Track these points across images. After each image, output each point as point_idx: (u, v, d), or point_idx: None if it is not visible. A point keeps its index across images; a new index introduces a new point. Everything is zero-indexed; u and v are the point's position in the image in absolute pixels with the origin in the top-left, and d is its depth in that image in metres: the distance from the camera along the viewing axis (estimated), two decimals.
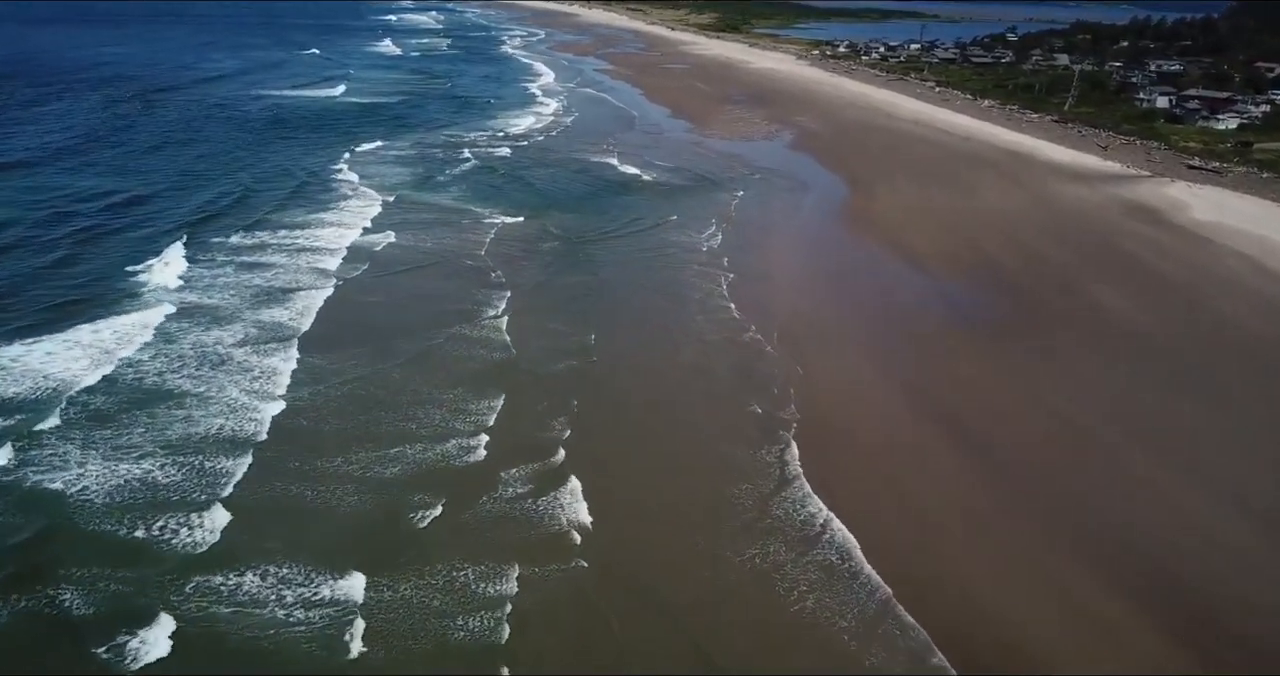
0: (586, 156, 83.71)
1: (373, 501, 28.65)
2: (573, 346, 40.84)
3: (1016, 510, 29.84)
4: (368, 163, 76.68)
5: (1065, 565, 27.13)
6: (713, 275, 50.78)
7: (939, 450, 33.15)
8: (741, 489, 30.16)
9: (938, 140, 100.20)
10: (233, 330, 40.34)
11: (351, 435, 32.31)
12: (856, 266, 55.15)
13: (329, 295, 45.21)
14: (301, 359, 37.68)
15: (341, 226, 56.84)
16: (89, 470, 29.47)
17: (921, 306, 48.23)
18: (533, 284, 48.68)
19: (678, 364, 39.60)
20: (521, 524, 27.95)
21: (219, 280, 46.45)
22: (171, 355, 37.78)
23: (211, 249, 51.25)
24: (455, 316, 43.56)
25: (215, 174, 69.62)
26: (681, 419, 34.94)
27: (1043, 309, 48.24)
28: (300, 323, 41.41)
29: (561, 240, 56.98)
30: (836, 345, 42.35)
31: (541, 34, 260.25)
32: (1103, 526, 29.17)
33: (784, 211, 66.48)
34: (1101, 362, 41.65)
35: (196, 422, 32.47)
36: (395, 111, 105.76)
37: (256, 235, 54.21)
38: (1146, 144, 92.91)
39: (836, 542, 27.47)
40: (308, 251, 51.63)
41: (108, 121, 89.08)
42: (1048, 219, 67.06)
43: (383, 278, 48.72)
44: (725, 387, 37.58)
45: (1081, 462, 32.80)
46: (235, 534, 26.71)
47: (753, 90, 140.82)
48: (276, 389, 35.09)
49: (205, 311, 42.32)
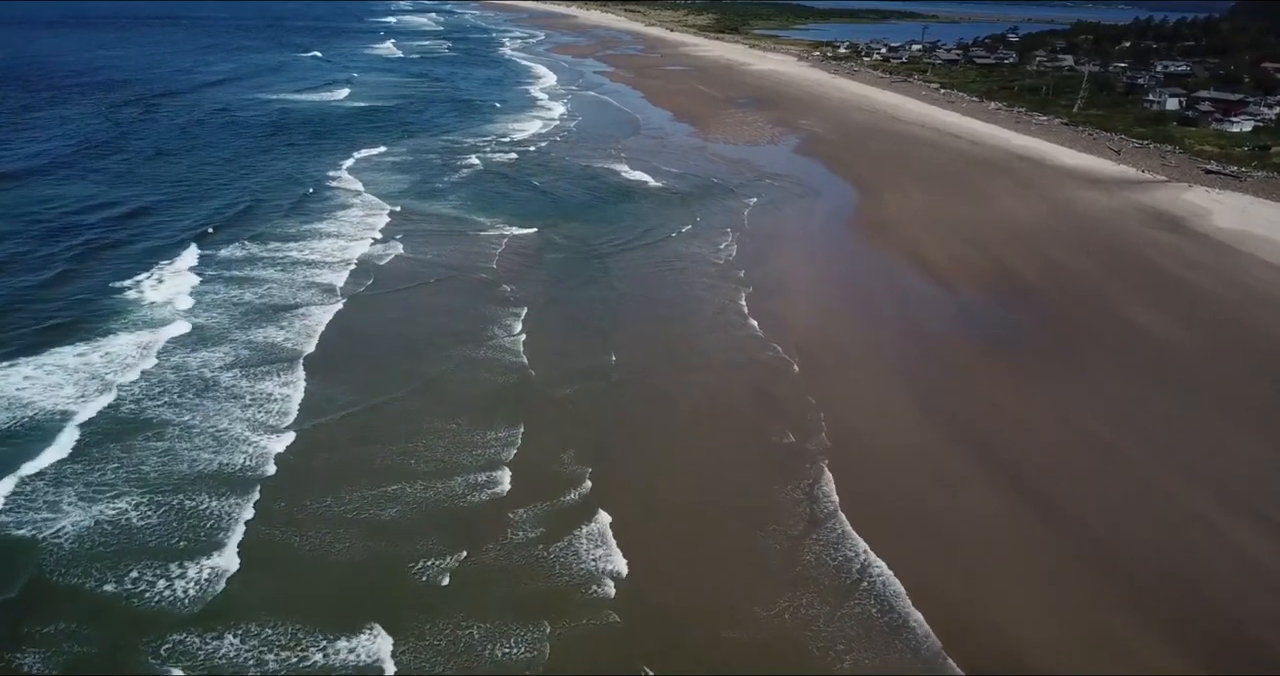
0: (593, 162, 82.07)
1: (386, 549, 26.61)
2: (592, 369, 39.12)
3: (1064, 549, 28.10)
4: (371, 170, 75.01)
5: (1118, 615, 25.37)
6: (730, 290, 49.08)
7: (977, 483, 31.43)
8: (778, 527, 28.40)
9: (945, 144, 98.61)
10: (229, 354, 38.30)
11: (361, 472, 30.41)
12: (874, 278, 53.46)
13: (333, 315, 43.34)
14: (304, 386, 35.76)
15: (346, 239, 55.09)
16: (66, 514, 27.16)
17: (943, 322, 46.58)
18: (547, 300, 46.97)
19: (703, 387, 37.84)
20: (550, 571, 26.03)
21: (215, 298, 44.54)
22: (162, 382, 35.62)
23: (207, 264, 49.36)
24: (469, 336, 41.76)
25: (215, 183, 67.88)
26: (711, 449, 33.15)
27: (1069, 324, 46.59)
28: (303, 345, 39.53)
29: (574, 252, 55.26)
30: (861, 365, 40.67)
31: (540, 36, 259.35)
32: (1159, 573, 27.29)
33: (796, 220, 64.82)
34: (1136, 384, 39.98)
35: (189, 460, 30.34)
36: (398, 116, 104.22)
37: (255, 248, 52.37)
38: (1160, 148, 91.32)
39: (880, 588, 25.76)
40: (309, 266, 49.81)
41: (104, 129, 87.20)
42: (1065, 227, 65.46)
43: (390, 294, 46.98)
44: (753, 414, 35.86)
45: (1128, 497, 31.00)
46: (236, 588, 24.66)
47: (755, 93, 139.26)
48: (278, 421, 33.09)
49: (200, 333, 40.42)
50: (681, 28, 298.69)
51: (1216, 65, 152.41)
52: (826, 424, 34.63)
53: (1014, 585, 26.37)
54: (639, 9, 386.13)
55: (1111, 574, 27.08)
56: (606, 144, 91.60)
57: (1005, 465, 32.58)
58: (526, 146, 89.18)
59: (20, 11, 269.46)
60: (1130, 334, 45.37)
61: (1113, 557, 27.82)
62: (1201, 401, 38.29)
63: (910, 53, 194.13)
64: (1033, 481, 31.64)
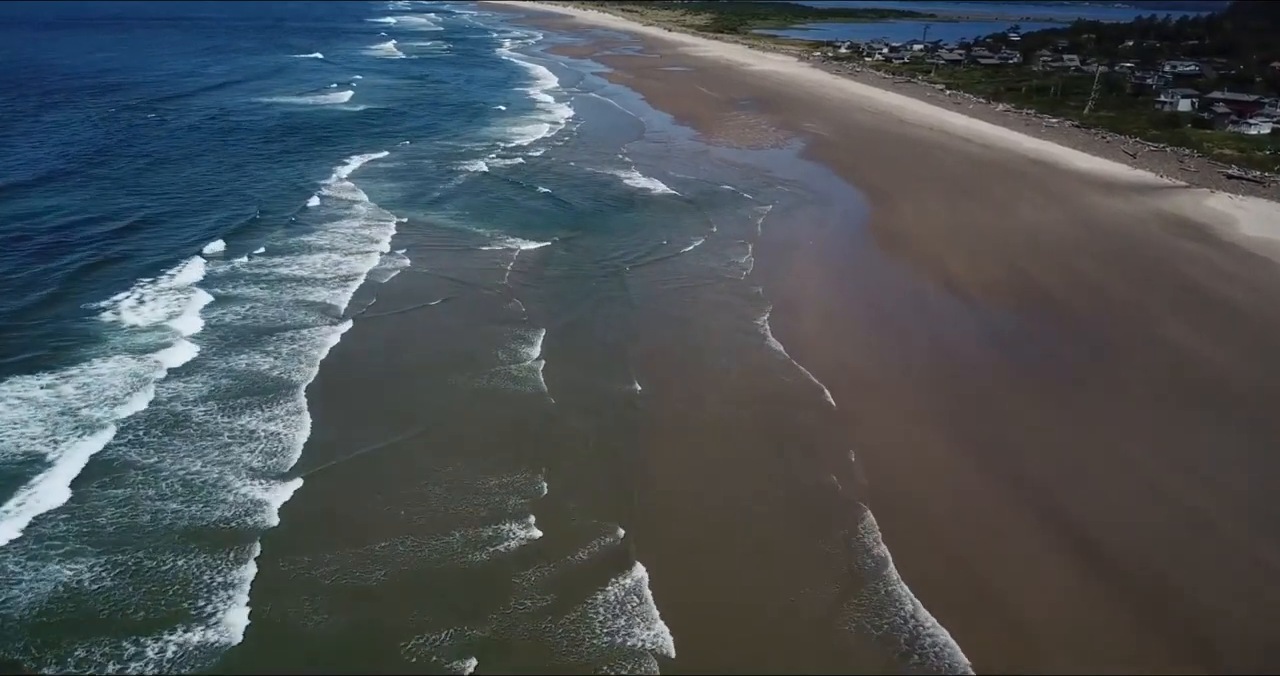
0: (598, 168, 79.93)
1: (396, 623, 23.76)
2: (616, 399, 36.84)
3: (1123, 610, 25.83)
4: (372, 178, 72.91)
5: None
6: (751, 310, 46.77)
7: (1029, 534, 29.12)
8: (827, 583, 26.14)
9: (955, 147, 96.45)
10: (216, 387, 35.59)
11: (371, 527, 27.67)
12: (895, 294, 51.12)
13: (336, 339, 40.87)
14: (303, 425, 33.15)
15: (347, 253, 52.78)
16: (22, 579, 24.19)
17: (973, 343, 44.35)
18: (564, 322, 44.58)
19: (734, 421, 35.57)
20: (589, 644, 23.40)
21: (204, 321, 41.94)
22: (140, 420, 32.78)
23: (196, 283, 46.74)
24: (483, 363, 39.27)
25: (208, 195, 65.48)
26: (749, 491, 30.82)
27: (1106, 346, 44.35)
28: (300, 376, 37.00)
29: (588, 267, 52.91)
30: (891, 393, 38.40)
31: (539, 36, 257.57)
32: (1237, 645, 24.90)
33: (810, 231, 62.54)
34: (1184, 415, 37.65)
35: (166, 515, 27.47)
36: (398, 121, 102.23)
37: (249, 265, 50.04)
38: (1177, 151, 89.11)
39: (940, 652, 23.51)
40: (307, 283, 47.47)
41: (96, 137, 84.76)
42: (1088, 236, 63.24)
43: (396, 316, 44.60)
44: (789, 450, 33.61)
45: (1205, 559, 28.21)
46: (237, 667, 22.23)
47: (757, 94, 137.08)
48: (277, 466, 30.47)
49: (188, 362, 37.79)
50: (679, 28, 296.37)
51: (1224, 65, 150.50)
52: (863, 462, 32.42)
53: (1080, 654, 24.10)
54: (636, 9, 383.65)
55: (1203, 657, 24.11)
56: (610, 148, 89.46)
57: (1057, 512, 30.20)
58: (530, 152, 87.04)
59: (19, 12, 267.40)
60: (1172, 356, 43.12)
61: (1200, 638, 24.69)
62: (1258, 436, 35.98)
63: (912, 53, 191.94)
64: (1090, 530, 29.34)
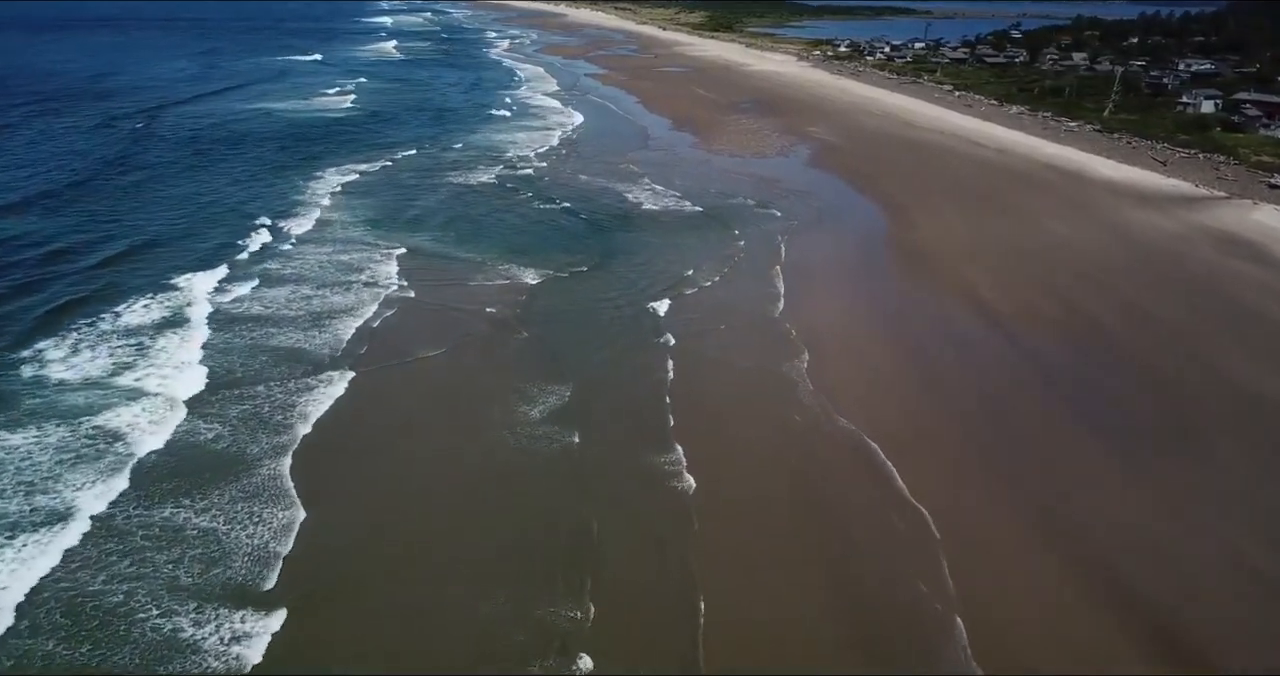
0: (597, 183, 74.26)
1: None
2: (662, 479, 30.80)
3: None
4: (366, 194, 68.07)
5: None
6: (790, 358, 40.88)
7: (1130, 654, 23.58)
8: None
9: (971, 154, 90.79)
10: (173, 489, 29.17)
11: None
12: (934, 335, 44.45)
13: (318, 409, 34.34)
14: (288, 522, 27.16)
15: (334, 287, 47.11)
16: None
17: (1026, 392, 38.59)
18: (591, 378, 38.15)
19: (798, 506, 29.99)
20: None
21: (141, 376, 36.14)
22: (40, 522, 27.03)
23: (149, 327, 41.03)
24: (501, 437, 33.07)
25: (187, 219, 60.12)
26: (824, 608, 25.24)
27: (1175, 393, 38.66)
28: (274, 464, 30.36)
29: (610, 305, 46.82)
30: (959, 463, 32.65)
31: (534, 35, 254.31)
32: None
33: (831, 254, 56.86)
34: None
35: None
36: (390, 131, 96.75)
37: (223, 302, 44.50)
38: (1211, 158, 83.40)
39: None
40: (286, 327, 41.62)
41: (78, 152, 79.54)
42: (1130, 257, 57.58)
43: (392, 370, 38.51)
44: (865, 545, 28.03)
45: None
46: None
47: (758, 96, 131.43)
48: (256, 584, 24.58)
49: (120, 429, 32.05)
50: (674, 26, 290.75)
51: (1238, 62, 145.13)
52: (949, 560, 26.90)
53: None
54: (630, 7, 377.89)
55: None
56: (609, 159, 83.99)
57: (1158, 611, 24.69)
58: (524, 164, 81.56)
59: (13, 13, 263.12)
60: (1257, 408, 37.42)
61: None
62: None
63: (914, 51, 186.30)
64: (1204, 650, 23.76)
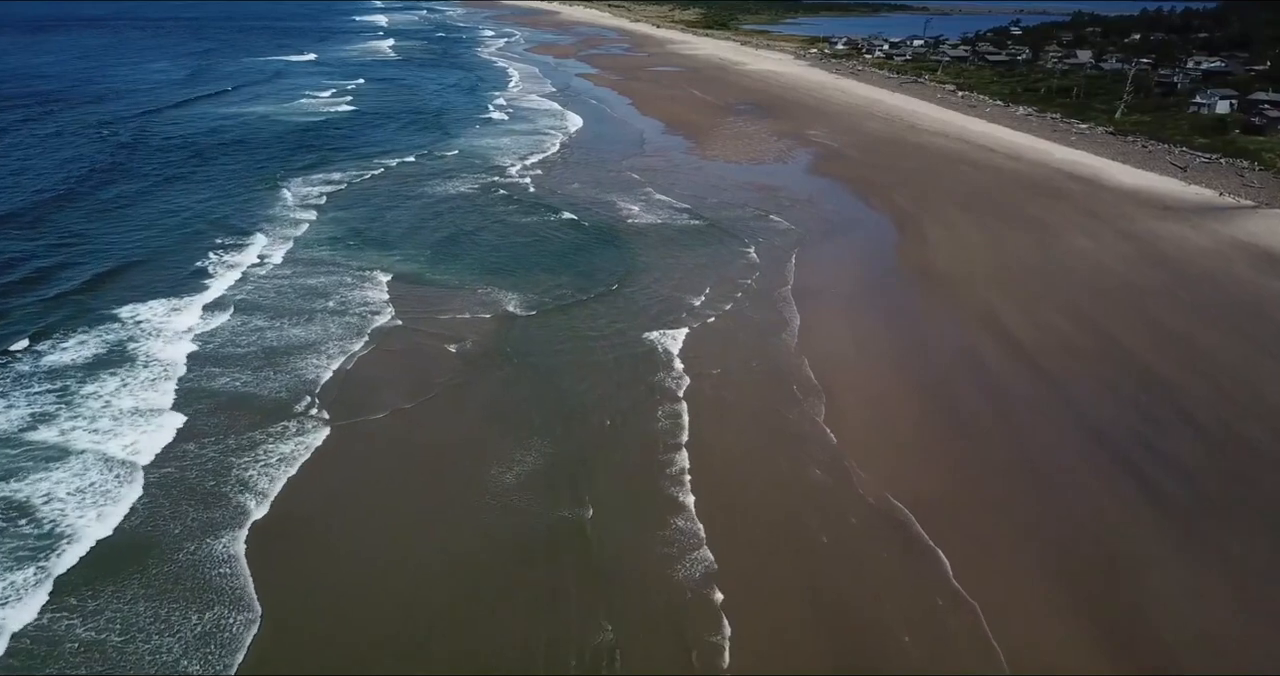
0: (599, 194, 69.77)
1: None
2: (688, 576, 25.93)
3: None
4: (348, 207, 64.25)
5: None
6: (805, 406, 36.46)
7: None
8: None
9: (980, 159, 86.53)
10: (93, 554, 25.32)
11: None
12: (961, 377, 39.86)
13: (274, 485, 29.45)
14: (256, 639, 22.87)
15: (300, 318, 42.80)
16: None
17: (1073, 450, 33.86)
18: (600, 442, 33.19)
19: (832, 595, 25.59)
20: None
21: (80, 424, 31.75)
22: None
23: (78, 368, 36.55)
24: (500, 519, 28.39)
25: (154, 236, 55.72)
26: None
27: (1235, 445, 34.21)
28: (228, 549, 26.02)
29: (613, 343, 41.93)
30: (1007, 544, 28.23)
31: (527, 32, 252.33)
32: None
33: (841, 276, 52.41)
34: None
35: None
36: (380, 138, 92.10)
37: (177, 330, 39.84)
38: (1234, 163, 79.11)
39: None
40: (247, 370, 37.19)
41: (56, 164, 74.95)
42: (1161, 276, 53.23)
43: (359, 428, 33.57)
44: (913, 639, 23.72)
45: None
46: None
47: (755, 97, 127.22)
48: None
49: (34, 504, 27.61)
50: (668, 24, 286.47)
51: (1247, 60, 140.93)
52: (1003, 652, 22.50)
53: None
54: (623, 4, 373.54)
55: None
56: (608, 166, 79.84)
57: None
58: (513, 171, 77.08)
59: (3, 12, 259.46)
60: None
61: None
62: None
63: (913, 49, 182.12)
64: None
